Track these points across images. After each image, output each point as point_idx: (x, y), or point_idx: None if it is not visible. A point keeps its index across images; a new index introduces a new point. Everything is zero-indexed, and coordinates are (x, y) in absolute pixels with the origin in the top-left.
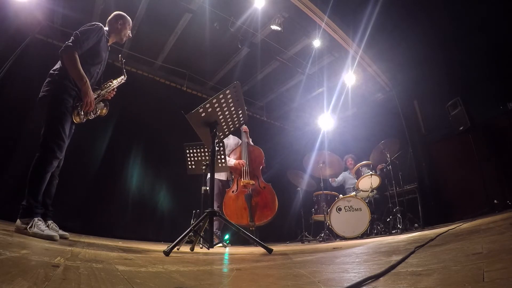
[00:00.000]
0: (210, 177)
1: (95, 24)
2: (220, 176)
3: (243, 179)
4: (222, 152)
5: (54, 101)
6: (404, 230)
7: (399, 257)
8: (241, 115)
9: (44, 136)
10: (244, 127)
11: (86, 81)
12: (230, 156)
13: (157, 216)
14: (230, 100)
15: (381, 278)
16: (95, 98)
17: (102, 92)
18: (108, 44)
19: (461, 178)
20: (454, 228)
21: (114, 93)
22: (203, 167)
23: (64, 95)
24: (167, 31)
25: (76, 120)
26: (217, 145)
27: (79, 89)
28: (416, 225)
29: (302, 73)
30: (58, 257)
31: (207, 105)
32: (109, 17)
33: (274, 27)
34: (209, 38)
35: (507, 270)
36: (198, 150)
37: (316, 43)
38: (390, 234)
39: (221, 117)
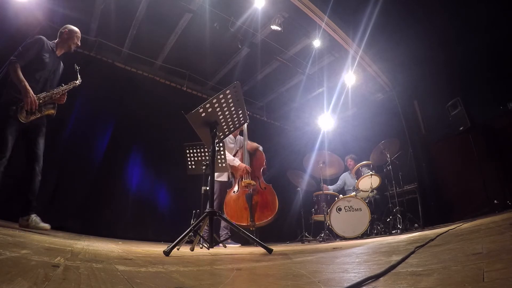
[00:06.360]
0: (210, 177)
1: (34, 37)
2: (222, 177)
3: (244, 180)
4: (222, 152)
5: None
6: (404, 230)
7: (399, 257)
8: (241, 115)
9: None
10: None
11: (24, 83)
12: (235, 157)
13: (157, 216)
14: (230, 100)
15: (381, 278)
16: (43, 98)
17: (49, 93)
18: (59, 54)
19: (461, 178)
20: (454, 228)
21: (65, 97)
22: (203, 167)
23: (5, 103)
24: (167, 31)
25: (21, 118)
26: (217, 145)
27: (21, 92)
28: (416, 225)
29: (302, 73)
30: (58, 257)
31: (207, 105)
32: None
33: (274, 27)
34: (209, 38)
35: (507, 270)
36: (198, 150)
37: (316, 43)
38: (390, 234)
39: (221, 117)
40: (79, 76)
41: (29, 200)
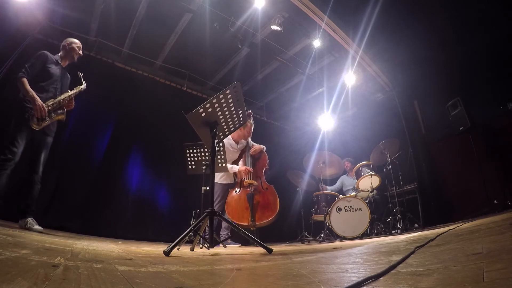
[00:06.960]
0: (210, 177)
1: (39, 53)
2: (225, 179)
3: (246, 179)
4: (222, 152)
5: (13, 119)
6: (404, 230)
7: (399, 257)
8: (241, 115)
9: (3, 144)
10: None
11: (32, 93)
12: (236, 162)
13: (157, 216)
14: (230, 100)
15: (381, 278)
16: (51, 105)
17: (56, 100)
18: (64, 65)
19: (461, 178)
20: (454, 228)
21: (74, 103)
22: (203, 167)
23: (18, 112)
24: (167, 31)
25: (33, 126)
26: (217, 145)
27: (30, 102)
28: (416, 225)
29: (302, 73)
30: (58, 257)
31: (207, 105)
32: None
33: (274, 27)
34: (209, 38)
35: (507, 270)
36: (198, 150)
37: (316, 43)
38: (390, 234)
39: (221, 117)
40: (83, 81)
41: (28, 204)
